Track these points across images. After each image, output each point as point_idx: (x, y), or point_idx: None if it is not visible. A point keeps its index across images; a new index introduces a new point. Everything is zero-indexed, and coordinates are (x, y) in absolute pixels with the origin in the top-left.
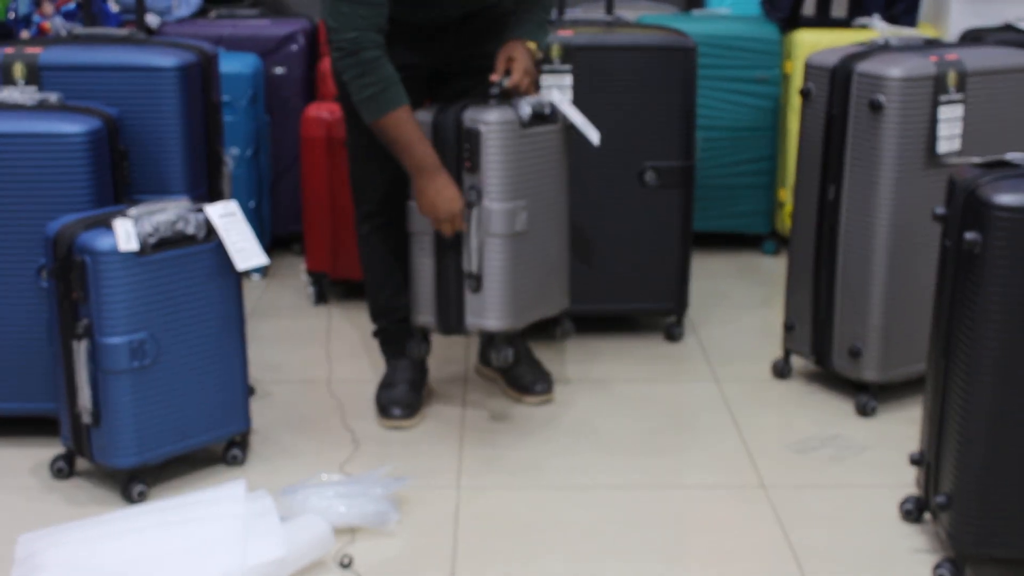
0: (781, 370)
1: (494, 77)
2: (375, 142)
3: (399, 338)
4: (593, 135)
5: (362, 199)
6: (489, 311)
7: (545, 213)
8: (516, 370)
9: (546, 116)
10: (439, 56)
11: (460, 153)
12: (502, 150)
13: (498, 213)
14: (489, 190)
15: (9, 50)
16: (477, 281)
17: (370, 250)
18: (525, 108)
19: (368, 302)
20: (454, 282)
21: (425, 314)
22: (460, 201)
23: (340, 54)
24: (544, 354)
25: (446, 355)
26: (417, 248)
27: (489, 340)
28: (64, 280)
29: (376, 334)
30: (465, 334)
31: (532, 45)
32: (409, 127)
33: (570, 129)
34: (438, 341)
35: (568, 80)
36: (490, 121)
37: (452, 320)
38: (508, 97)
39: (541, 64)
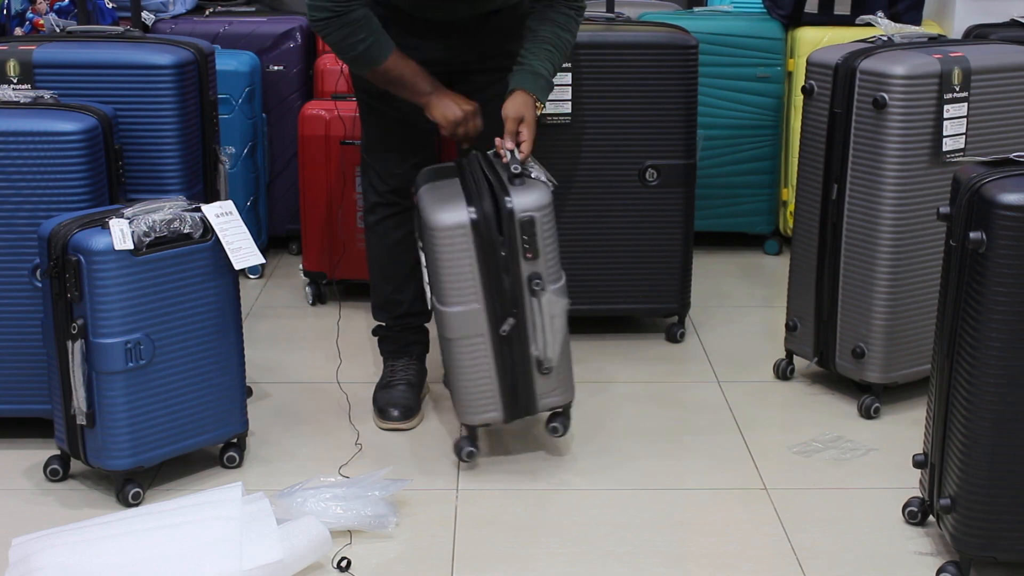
0: (784, 371)
1: (505, 148)
2: (390, 133)
3: (398, 338)
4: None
5: (371, 189)
6: (559, 388)
7: None
8: None
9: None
10: (457, 54)
11: (516, 246)
12: (551, 230)
13: (557, 293)
14: (548, 274)
15: (2, 47)
16: (548, 364)
17: (376, 240)
18: (542, 179)
19: (372, 295)
20: (520, 372)
21: (490, 411)
22: (471, 103)
23: (327, 15)
24: None
25: None
26: (468, 352)
27: (550, 416)
28: (59, 280)
29: (375, 333)
30: (531, 415)
31: (540, 106)
32: (404, 63)
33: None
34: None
35: (568, 78)
36: (541, 206)
37: (522, 408)
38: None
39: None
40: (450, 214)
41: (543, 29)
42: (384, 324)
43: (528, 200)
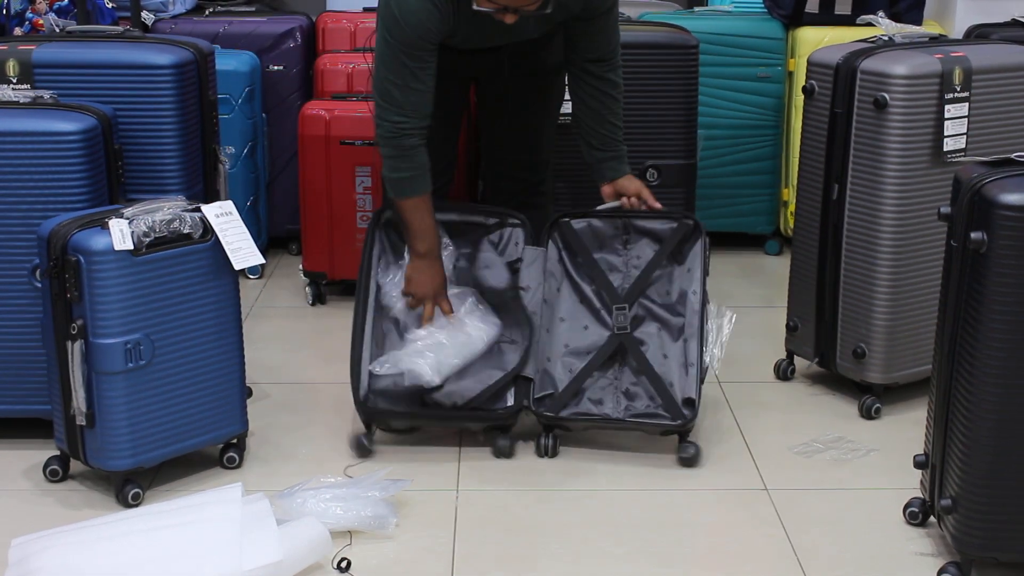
0: (784, 371)
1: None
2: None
3: None
4: None
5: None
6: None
7: None
8: None
9: None
10: (487, 66)
11: None
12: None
13: None
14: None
15: (2, 47)
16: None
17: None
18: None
19: None
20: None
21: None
22: (448, 303)
23: (382, 131)
24: None
25: None
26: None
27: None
28: (58, 280)
29: None
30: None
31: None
32: (422, 214)
33: None
34: None
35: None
36: None
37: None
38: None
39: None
40: None
41: (605, 110)
42: None
43: None
